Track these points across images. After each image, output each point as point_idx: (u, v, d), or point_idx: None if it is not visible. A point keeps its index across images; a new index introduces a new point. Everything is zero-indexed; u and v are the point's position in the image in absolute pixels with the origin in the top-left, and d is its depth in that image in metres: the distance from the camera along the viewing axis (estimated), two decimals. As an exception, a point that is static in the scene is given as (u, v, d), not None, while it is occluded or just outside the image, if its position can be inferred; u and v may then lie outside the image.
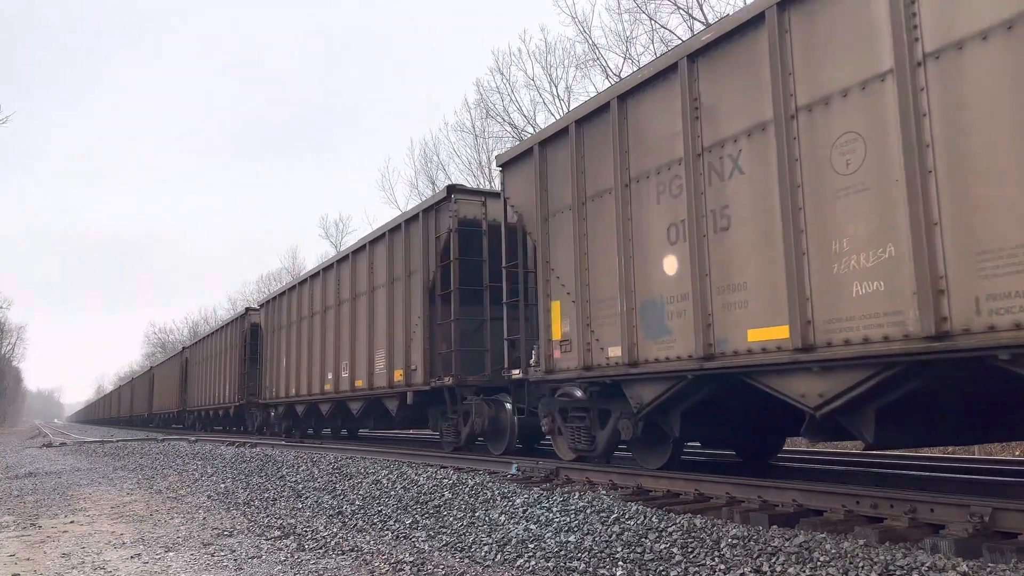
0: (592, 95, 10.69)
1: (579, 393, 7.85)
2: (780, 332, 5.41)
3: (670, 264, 6.49)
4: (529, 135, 24.88)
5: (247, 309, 22.74)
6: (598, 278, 7.31)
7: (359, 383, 13.18)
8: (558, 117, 22.43)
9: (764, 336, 5.55)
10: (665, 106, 6.61)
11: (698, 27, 19.27)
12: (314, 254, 70.18)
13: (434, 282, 10.79)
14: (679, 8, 20.39)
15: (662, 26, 21.05)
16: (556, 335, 7.86)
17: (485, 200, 10.64)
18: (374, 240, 13.02)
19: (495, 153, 27.74)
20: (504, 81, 27.30)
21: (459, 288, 10.16)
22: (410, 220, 11.63)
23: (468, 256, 10.36)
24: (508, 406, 9.60)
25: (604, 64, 22.90)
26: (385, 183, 74.24)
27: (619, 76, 21.84)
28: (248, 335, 21.61)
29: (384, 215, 55.67)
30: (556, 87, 25.85)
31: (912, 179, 4.62)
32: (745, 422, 7.40)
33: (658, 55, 20.03)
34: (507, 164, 8.99)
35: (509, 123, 27.15)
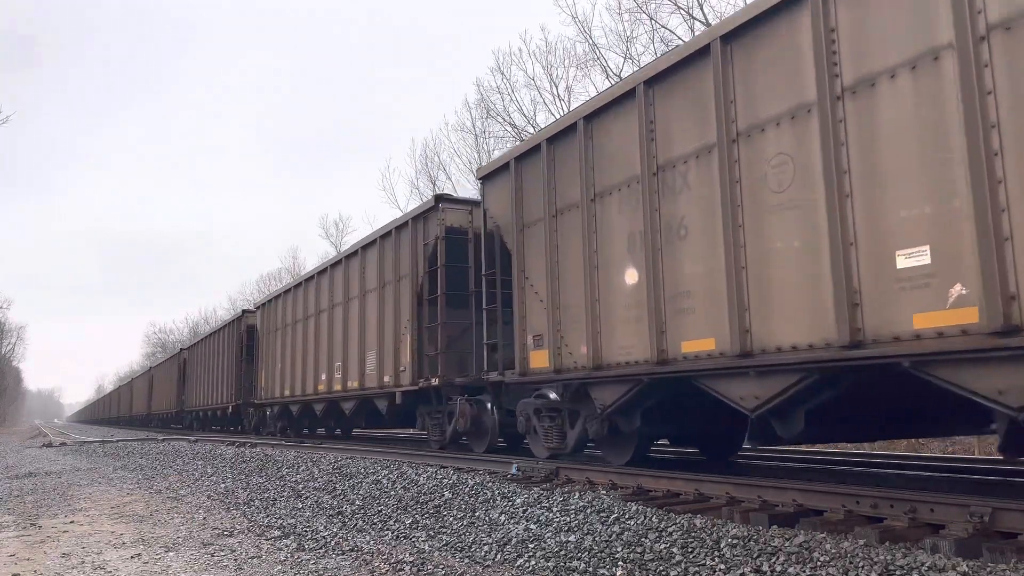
0: (592, 94, 10.73)
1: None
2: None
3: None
4: (529, 135, 24.85)
5: (244, 311, 23.43)
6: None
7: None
8: (558, 117, 22.43)
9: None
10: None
11: (698, 27, 19.28)
12: (315, 254, 70.26)
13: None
14: (679, 8, 20.39)
15: (662, 26, 21.05)
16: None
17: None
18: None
19: (494, 152, 27.76)
20: (504, 81, 27.29)
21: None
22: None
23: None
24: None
25: (604, 64, 22.91)
26: (385, 183, 74.42)
27: (619, 76, 21.85)
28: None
29: (384, 215, 55.69)
30: (556, 87, 25.85)
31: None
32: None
33: (658, 55, 20.08)
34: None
35: (510, 123, 27.15)
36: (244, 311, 23.50)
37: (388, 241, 12.50)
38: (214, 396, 25.42)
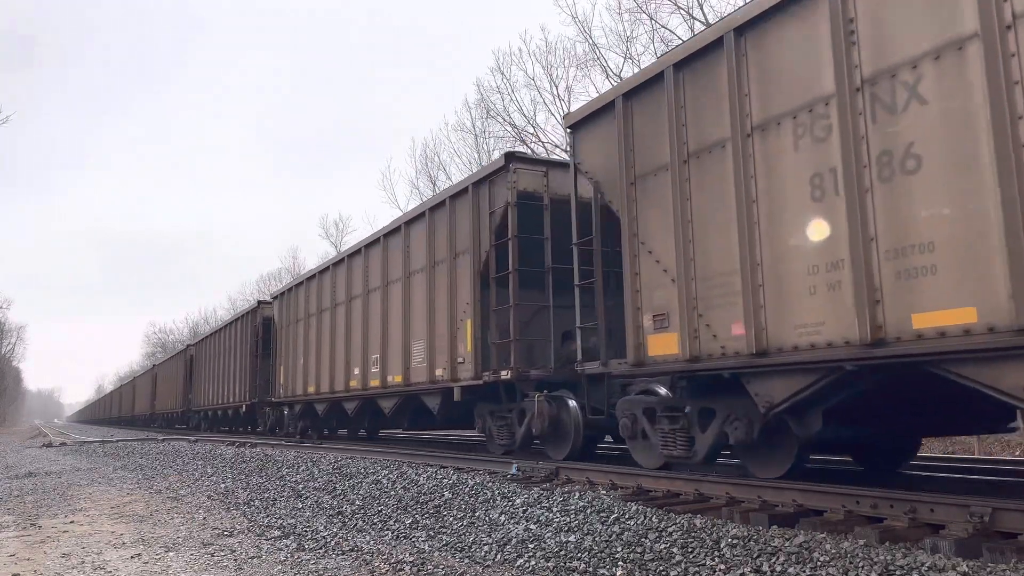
0: (592, 95, 10.48)
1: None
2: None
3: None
4: (529, 135, 24.84)
5: (259, 302, 21.59)
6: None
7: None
8: (559, 117, 22.39)
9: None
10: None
11: (698, 27, 19.28)
12: (315, 254, 70.35)
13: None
14: (679, 8, 20.41)
15: (662, 26, 21.07)
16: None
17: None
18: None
19: (494, 152, 27.73)
20: (504, 81, 27.30)
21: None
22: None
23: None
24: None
25: (604, 64, 22.92)
26: (385, 183, 74.81)
27: (619, 76, 21.85)
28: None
29: (384, 215, 55.66)
30: (556, 87, 25.85)
31: None
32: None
33: (659, 55, 20.05)
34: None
35: (510, 123, 27.15)
36: (260, 302, 21.49)
37: (440, 213, 10.74)
38: (225, 394, 23.64)
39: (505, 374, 8.96)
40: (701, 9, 20.03)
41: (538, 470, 7.57)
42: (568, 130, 7.96)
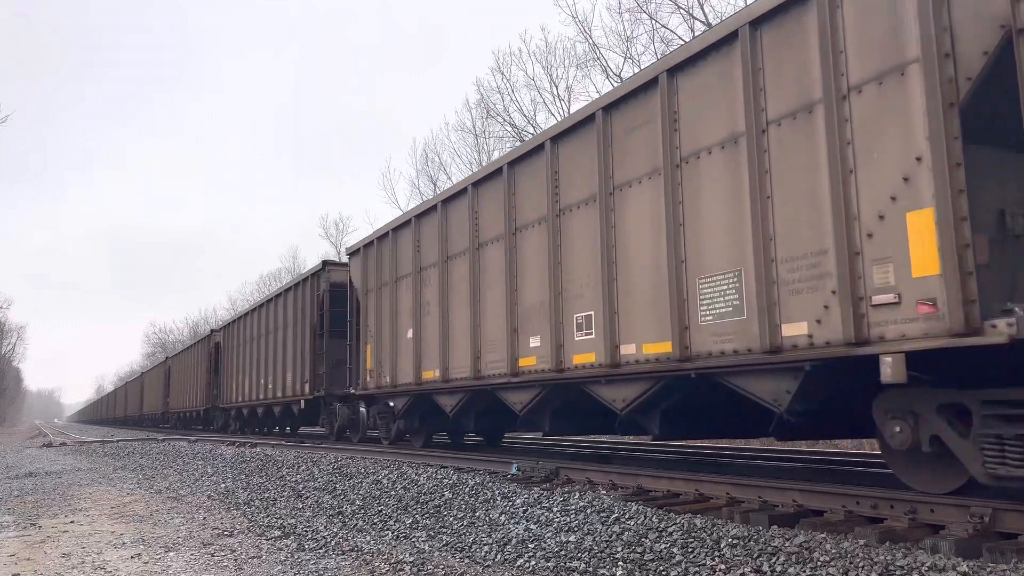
0: (592, 95, 10.20)
1: None
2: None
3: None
4: (529, 135, 24.82)
5: (324, 263, 16.21)
6: None
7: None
8: (559, 118, 22.39)
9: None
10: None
11: (699, 27, 19.28)
12: (315, 253, 70.31)
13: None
14: (679, 8, 20.41)
15: (663, 26, 21.08)
16: None
17: None
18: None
19: (494, 152, 27.69)
20: (504, 81, 27.32)
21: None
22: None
23: None
24: None
25: (604, 64, 22.92)
26: (385, 183, 75.08)
27: (619, 76, 21.85)
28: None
29: (385, 214, 55.55)
30: (557, 87, 25.87)
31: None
32: None
33: (658, 55, 19.91)
34: None
35: (510, 123, 27.16)
36: (325, 263, 16.20)
37: (782, 26, 5.41)
38: (269, 387, 18.74)
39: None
40: (702, 9, 20.03)
41: (538, 470, 7.57)
42: None
